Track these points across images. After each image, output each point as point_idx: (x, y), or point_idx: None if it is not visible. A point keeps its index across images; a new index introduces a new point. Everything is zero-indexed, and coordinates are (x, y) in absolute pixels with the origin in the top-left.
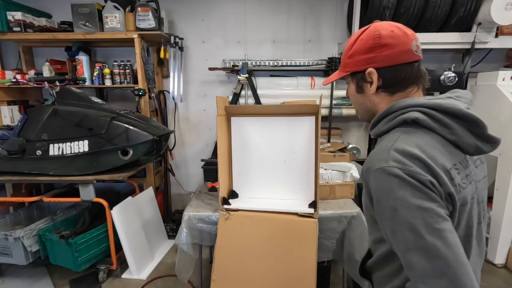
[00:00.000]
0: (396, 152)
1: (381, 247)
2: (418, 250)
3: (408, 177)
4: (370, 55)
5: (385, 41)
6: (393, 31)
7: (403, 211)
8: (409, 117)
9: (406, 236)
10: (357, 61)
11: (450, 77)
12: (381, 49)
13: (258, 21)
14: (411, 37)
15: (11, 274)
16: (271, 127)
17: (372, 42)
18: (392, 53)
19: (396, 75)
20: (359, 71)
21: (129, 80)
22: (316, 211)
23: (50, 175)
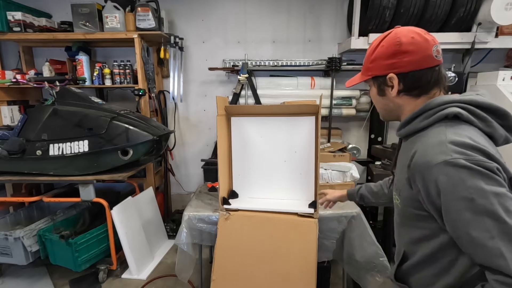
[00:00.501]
0: (454, 144)
1: (424, 246)
2: (504, 235)
3: (477, 166)
4: (391, 61)
5: (406, 48)
6: (414, 37)
7: (480, 199)
8: (451, 112)
9: (487, 224)
10: (379, 66)
11: (450, 77)
12: (402, 56)
13: (258, 21)
14: (431, 42)
15: (11, 274)
16: (271, 127)
17: (393, 48)
18: (413, 60)
19: (418, 80)
20: (381, 75)
21: (129, 80)
22: (316, 211)
23: (50, 175)
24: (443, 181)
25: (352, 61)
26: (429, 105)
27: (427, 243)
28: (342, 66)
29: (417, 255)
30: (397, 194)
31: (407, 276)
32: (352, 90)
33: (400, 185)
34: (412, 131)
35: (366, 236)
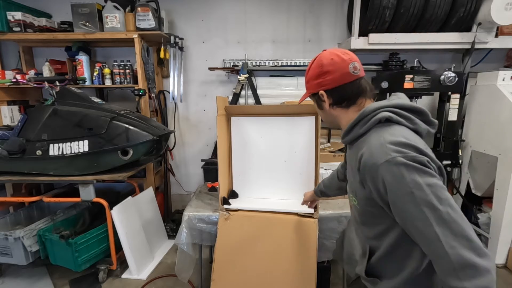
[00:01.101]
0: (391, 144)
1: (387, 237)
2: (438, 221)
3: (411, 162)
4: (318, 81)
5: (327, 68)
6: (333, 59)
7: (417, 192)
8: (383, 116)
9: (425, 212)
10: (311, 85)
11: (450, 77)
12: (325, 75)
13: (258, 21)
14: (348, 61)
15: (11, 274)
16: (271, 127)
17: (318, 70)
18: (334, 78)
19: (342, 93)
20: (315, 93)
21: (129, 80)
22: (316, 211)
23: (50, 175)
24: (388, 179)
25: None
26: (364, 113)
27: (388, 235)
28: None
29: (381, 248)
30: (354, 196)
31: (377, 269)
32: None
33: (355, 187)
34: (355, 137)
35: None
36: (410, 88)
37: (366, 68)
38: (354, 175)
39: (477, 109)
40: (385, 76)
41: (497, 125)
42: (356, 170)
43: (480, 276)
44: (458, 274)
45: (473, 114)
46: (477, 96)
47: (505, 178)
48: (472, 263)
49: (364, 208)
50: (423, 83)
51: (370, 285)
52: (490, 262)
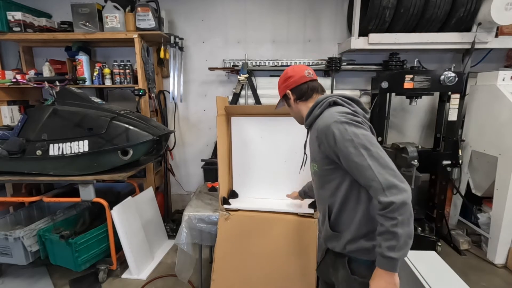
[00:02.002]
0: (337, 113)
1: (339, 191)
2: (370, 157)
3: (350, 120)
4: (285, 84)
5: (290, 74)
6: (293, 68)
7: (356, 138)
8: (332, 100)
9: (361, 152)
10: (281, 89)
11: (450, 77)
12: (289, 79)
13: (258, 21)
14: (304, 69)
15: (11, 274)
16: (271, 127)
17: (284, 77)
18: (294, 79)
19: (302, 90)
20: (284, 94)
21: (129, 80)
22: (316, 211)
23: (50, 175)
24: (336, 133)
25: (352, 61)
26: (318, 100)
27: (340, 189)
28: (342, 66)
29: (336, 203)
30: (314, 162)
31: (337, 225)
32: (352, 90)
33: (314, 155)
34: (313, 118)
35: None
36: (410, 88)
37: (366, 68)
38: (313, 145)
39: (477, 109)
40: (385, 76)
41: (497, 125)
42: (315, 140)
43: (401, 194)
44: (386, 192)
45: (473, 114)
46: (477, 96)
47: (505, 178)
48: (395, 184)
49: (321, 168)
50: (423, 83)
51: (335, 243)
52: (407, 186)
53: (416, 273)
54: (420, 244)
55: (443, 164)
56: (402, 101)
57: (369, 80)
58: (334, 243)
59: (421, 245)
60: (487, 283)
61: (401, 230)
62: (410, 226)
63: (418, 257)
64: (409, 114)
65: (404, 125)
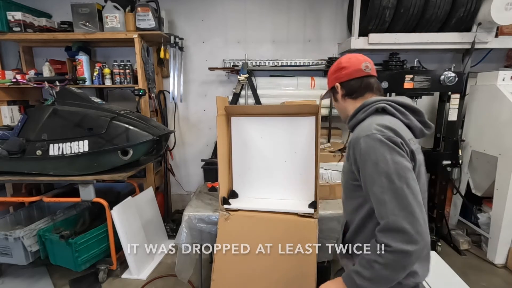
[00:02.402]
0: (376, 125)
1: (360, 212)
2: (392, 193)
3: (386, 139)
4: (335, 75)
5: (343, 65)
6: (350, 58)
7: (382, 164)
8: (380, 106)
9: (383, 181)
10: (330, 80)
11: (450, 77)
12: (341, 70)
13: (258, 21)
14: (362, 60)
15: (11, 274)
16: (271, 127)
17: (336, 66)
18: (347, 72)
19: (353, 86)
20: (332, 86)
21: (129, 80)
22: (316, 211)
23: (50, 175)
24: (363, 149)
25: None
26: (366, 103)
27: (360, 210)
28: None
29: (354, 222)
30: (342, 173)
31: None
32: None
33: (344, 163)
34: (356, 122)
35: None
36: (410, 88)
37: None
38: (346, 152)
39: (477, 109)
40: (385, 76)
41: (497, 125)
42: (347, 148)
43: (406, 244)
44: (387, 233)
45: (473, 114)
46: (477, 96)
47: (505, 178)
48: (404, 230)
49: (347, 181)
50: (423, 83)
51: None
52: (421, 239)
53: None
54: None
55: (443, 164)
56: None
57: None
58: (345, 261)
59: None
60: (487, 283)
61: (382, 271)
62: (395, 275)
63: None
64: None
65: None
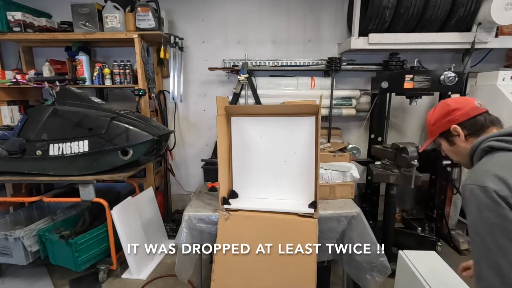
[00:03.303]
0: (484, 171)
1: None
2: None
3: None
4: (448, 118)
5: (454, 106)
6: (455, 100)
7: (481, 224)
8: (485, 146)
9: (477, 242)
10: (440, 125)
11: (450, 77)
12: (454, 112)
13: (258, 21)
14: (471, 99)
15: (11, 274)
16: (271, 127)
17: (445, 110)
18: (464, 111)
19: (477, 123)
20: (445, 130)
21: (129, 80)
22: (316, 211)
23: (50, 175)
24: (466, 197)
25: (352, 61)
26: (473, 147)
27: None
28: (342, 66)
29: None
30: None
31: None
32: (352, 90)
33: None
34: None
35: (366, 236)
36: (410, 88)
37: (366, 68)
38: None
39: None
40: (385, 76)
41: None
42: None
43: None
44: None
45: None
46: (477, 96)
47: None
48: None
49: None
50: (423, 83)
51: None
52: None
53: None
54: (420, 244)
55: (443, 164)
56: (402, 101)
57: (369, 80)
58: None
59: (421, 245)
60: None
61: None
62: None
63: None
64: (409, 114)
65: (404, 125)
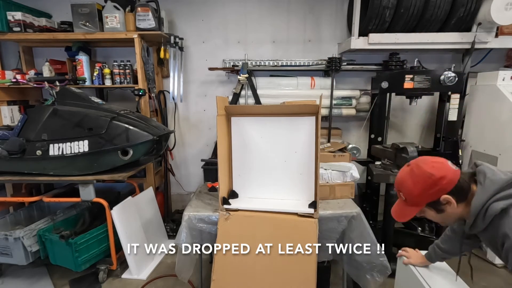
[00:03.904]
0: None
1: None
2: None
3: None
4: (436, 188)
5: (437, 175)
6: (433, 166)
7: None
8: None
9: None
10: (427, 196)
11: (450, 77)
12: (441, 181)
13: (258, 21)
14: (445, 161)
15: (11, 274)
16: (271, 127)
17: (429, 180)
18: (450, 179)
19: (463, 188)
20: (435, 201)
21: (129, 80)
22: (316, 211)
23: (50, 175)
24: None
25: (352, 61)
26: (475, 210)
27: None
28: (342, 66)
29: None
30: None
31: None
32: (352, 90)
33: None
34: (481, 228)
35: (366, 236)
36: (410, 88)
37: (366, 68)
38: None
39: (477, 109)
40: (385, 76)
41: (497, 125)
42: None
43: None
44: None
45: (473, 114)
46: (477, 96)
47: None
48: None
49: None
50: (423, 83)
51: None
52: None
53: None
54: (420, 244)
55: None
56: (402, 101)
57: (369, 80)
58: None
59: (421, 245)
60: (487, 283)
61: None
62: None
63: None
64: (409, 114)
65: (404, 125)
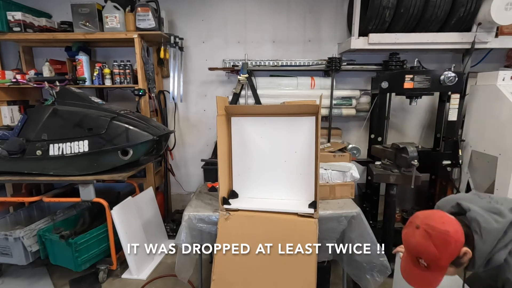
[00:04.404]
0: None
1: None
2: None
3: None
4: (455, 244)
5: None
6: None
7: None
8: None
9: None
10: (448, 255)
11: (450, 77)
12: (455, 235)
13: (258, 21)
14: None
15: (11, 274)
16: (271, 127)
17: (446, 239)
18: (459, 231)
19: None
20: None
21: (129, 80)
22: (316, 211)
23: (50, 175)
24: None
25: (352, 61)
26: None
27: None
28: (342, 66)
29: None
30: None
31: None
32: (352, 90)
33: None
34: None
35: (366, 236)
36: (410, 88)
37: (366, 68)
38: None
39: (477, 109)
40: (385, 76)
41: (497, 125)
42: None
43: None
44: None
45: (473, 114)
46: (477, 96)
47: (505, 178)
48: None
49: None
50: (423, 83)
51: None
52: None
53: None
54: None
55: (443, 164)
56: (402, 101)
57: (369, 80)
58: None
59: None
60: None
61: None
62: None
63: None
64: (409, 114)
65: (404, 125)
